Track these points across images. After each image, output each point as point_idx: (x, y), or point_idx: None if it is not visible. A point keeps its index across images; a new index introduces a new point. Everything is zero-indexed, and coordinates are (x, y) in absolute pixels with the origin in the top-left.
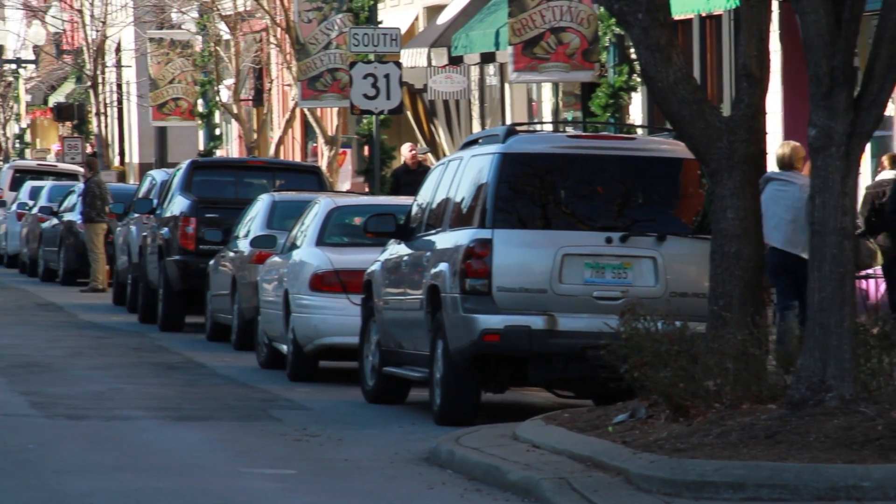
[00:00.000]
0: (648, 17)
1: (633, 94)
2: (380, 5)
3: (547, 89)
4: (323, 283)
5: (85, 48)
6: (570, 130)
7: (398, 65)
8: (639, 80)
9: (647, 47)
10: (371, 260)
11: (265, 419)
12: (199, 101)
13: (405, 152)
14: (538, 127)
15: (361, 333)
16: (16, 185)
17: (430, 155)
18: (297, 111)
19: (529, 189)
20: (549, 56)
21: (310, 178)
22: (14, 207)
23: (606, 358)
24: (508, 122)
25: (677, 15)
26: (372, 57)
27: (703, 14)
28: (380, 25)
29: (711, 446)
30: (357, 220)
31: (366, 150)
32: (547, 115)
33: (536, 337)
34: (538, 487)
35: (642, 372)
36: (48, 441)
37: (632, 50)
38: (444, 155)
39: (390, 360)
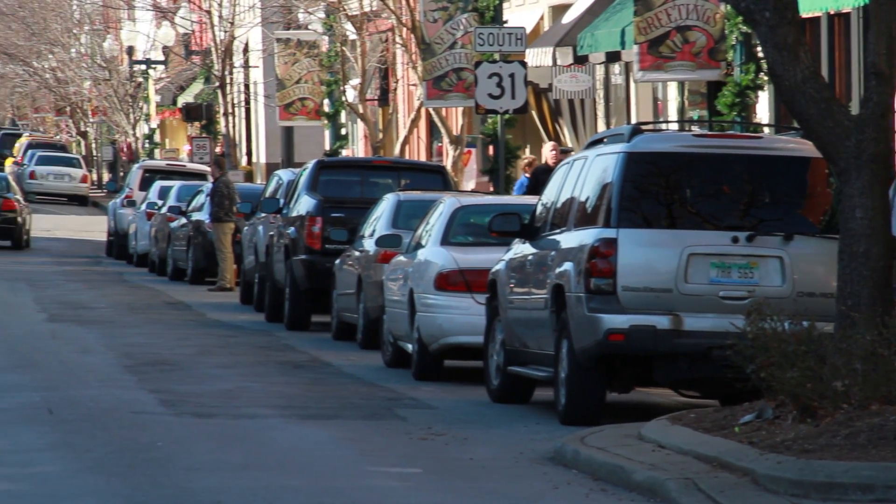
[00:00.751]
0: (776, 14)
1: (760, 93)
2: (505, 5)
3: (672, 88)
4: (448, 282)
5: (213, 49)
6: (695, 129)
7: (523, 64)
8: (765, 78)
9: (774, 45)
10: (495, 259)
11: (391, 418)
12: (326, 101)
13: (547, 152)
14: (663, 126)
15: (486, 333)
16: (145, 185)
17: (572, 154)
18: (423, 111)
19: (654, 188)
20: (675, 55)
21: (435, 177)
22: (143, 207)
23: (732, 358)
24: (633, 121)
25: (805, 13)
26: (497, 56)
27: (832, 12)
28: (505, 25)
29: (839, 447)
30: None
31: (490, 149)
32: (672, 114)
33: (662, 337)
34: (664, 488)
35: (769, 372)
36: (177, 439)
37: (759, 48)
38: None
39: (515, 359)
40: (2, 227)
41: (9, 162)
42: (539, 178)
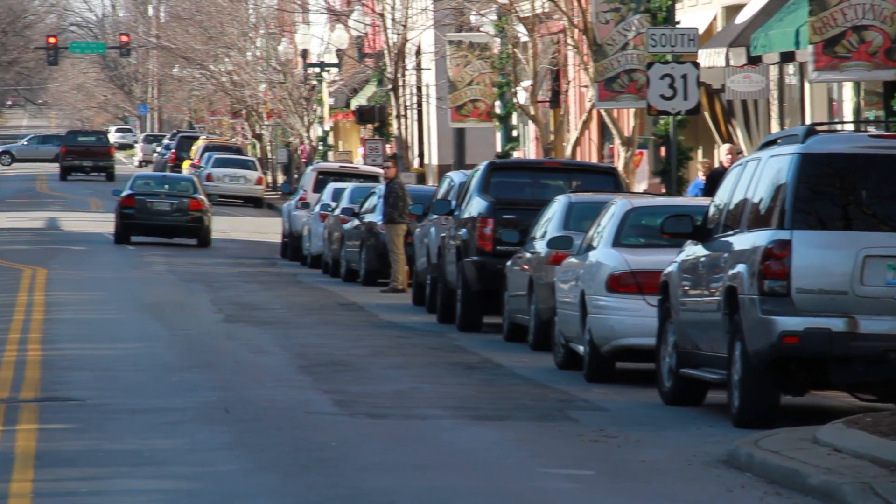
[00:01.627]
0: None
1: None
2: (678, 5)
3: (848, 88)
4: (619, 284)
5: (386, 51)
6: (871, 130)
7: (696, 65)
8: None
9: None
10: (668, 261)
11: (562, 420)
12: (497, 103)
13: (722, 154)
14: (839, 127)
15: (658, 335)
16: (319, 187)
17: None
18: (594, 112)
19: (829, 189)
20: (851, 55)
21: (606, 179)
22: (317, 209)
23: None
24: (808, 122)
25: None
26: (669, 57)
27: None
28: (677, 25)
29: None
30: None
31: (662, 150)
32: (848, 114)
33: (837, 339)
34: (840, 492)
35: None
36: (350, 439)
37: None
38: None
39: (687, 361)
40: (189, 226)
41: (186, 164)
42: (715, 181)
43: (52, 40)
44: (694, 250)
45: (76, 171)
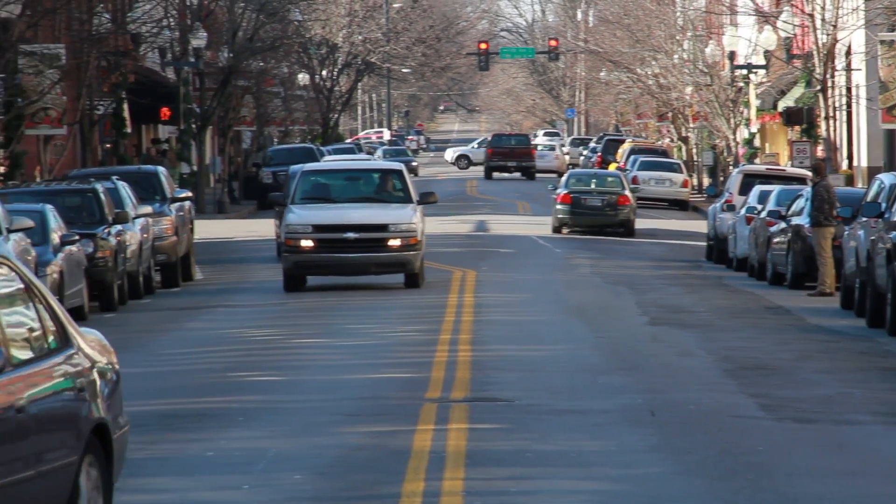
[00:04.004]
0: None
1: None
2: None
3: None
4: None
5: (815, 52)
6: None
7: None
8: None
9: None
10: None
11: None
12: None
13: None
14: None
15: None
16: (745, 189)
17: None
18: None
19: None
20: None
21: None
22: (743, 212)
23: None
24: None
25: None
26: None
27: None
28: None
29: None
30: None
31: None
32: None
33: None
34: None
35: None
36: (777, 444)
37: None
38: None
39: None
40: (618, 221)
41: (612, 167)
42: None
43: (483, 46)
44: None
45: (500, 170)
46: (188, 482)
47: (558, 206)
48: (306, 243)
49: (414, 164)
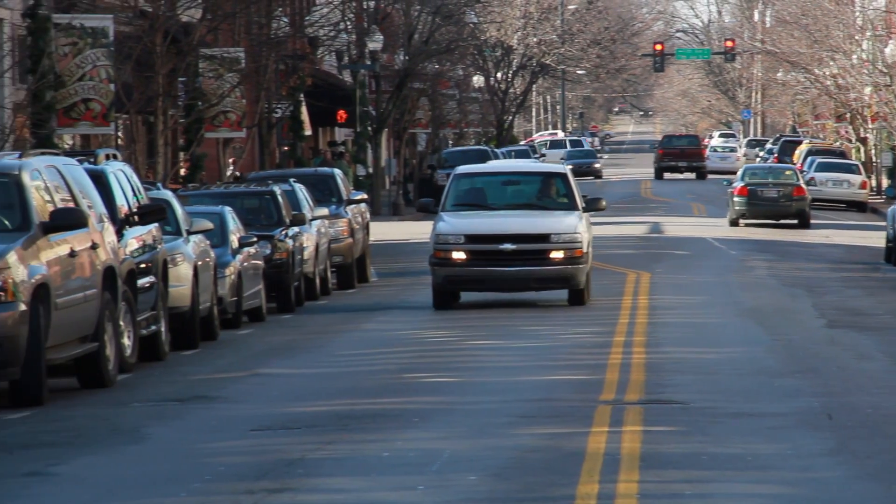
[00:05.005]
0: None
1: None
2: None
3: None
4: None
5: None
6: None
7: None
8: None
9: None
10: None
11: None
12: None
13: None
14: None
15: None
16: None
17: None
18: None
19: None
20: None
21: None
22: None
23: None
24: None
25: None
26: None
27: None
28: None
29: None
30: None
31: None
32: None
33: None
34: None
35: None
36: None
37: None
38: None
39: None
40: (794, 211)
41: None
42: None
43: (658, 47)
44: None
45: (670, 171)
46: (364, 482)
47: (735, 199)
48: (458, 255)
49: (597, 165)
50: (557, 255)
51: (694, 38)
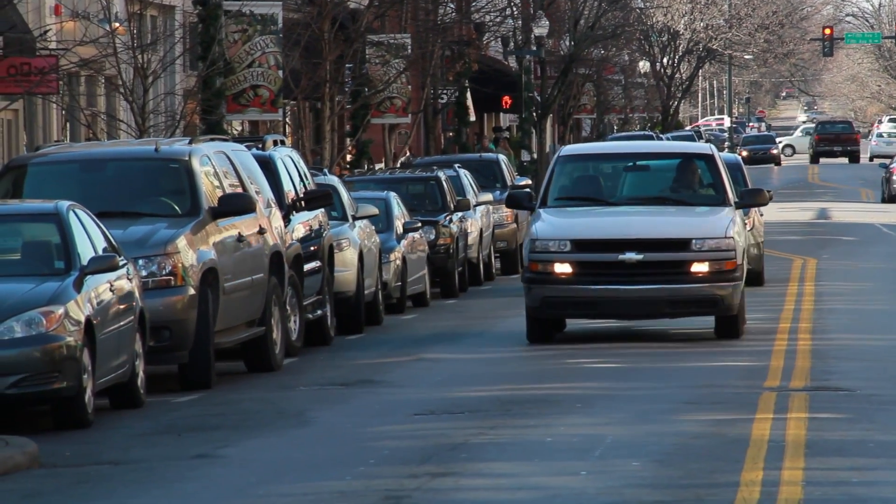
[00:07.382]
0: None
1: None
2: None
3: None
4: None
5: None
6: None
7: None
8: None
9: None
10: None
11: None
12: None
13: None
14: None
15: None
16: None
17: None
18: None
19: None
20: None
21: None
22: None
23: None
24: None
25: None
26: None
27: None
28: None
29: None
30: None
31: None
32: None
33: None
34: None
35: None
36: None
37: None
38: None
39: None
40: None
41: None
42: None
43: (827, 31)
44: None
45: (826, 155)
46: (527, 467)
47: (894, 178)
48: (562, 268)
49: (774, 151)
50: (701, 268)
51: (864, 22)
